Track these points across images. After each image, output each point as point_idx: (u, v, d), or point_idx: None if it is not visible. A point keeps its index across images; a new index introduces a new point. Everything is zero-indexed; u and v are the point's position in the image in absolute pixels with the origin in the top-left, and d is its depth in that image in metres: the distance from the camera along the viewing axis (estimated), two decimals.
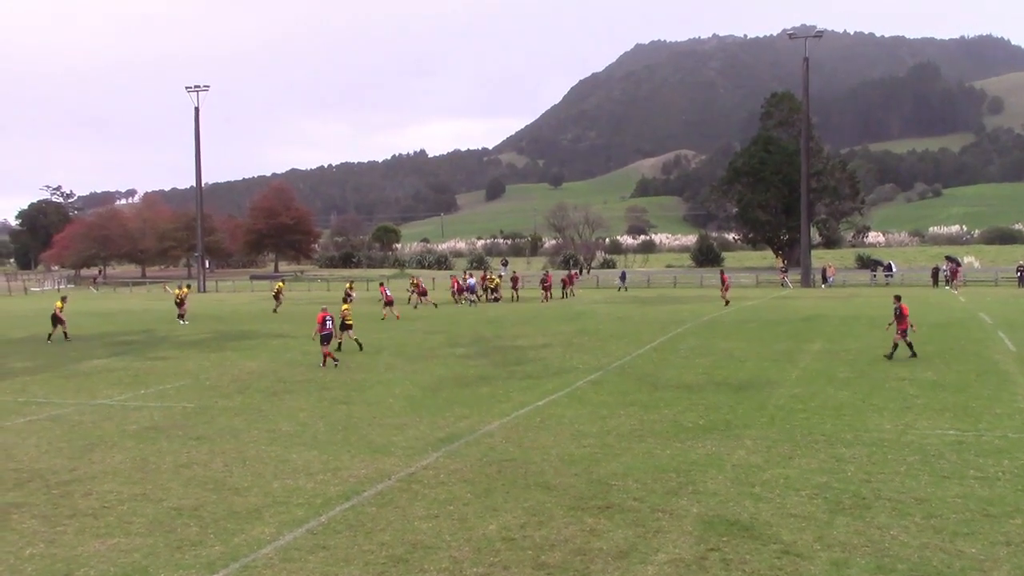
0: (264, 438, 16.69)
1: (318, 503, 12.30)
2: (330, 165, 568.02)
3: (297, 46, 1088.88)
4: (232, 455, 15.35)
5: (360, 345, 30.52)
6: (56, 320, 36.64)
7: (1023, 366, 24.01)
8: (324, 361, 26.77)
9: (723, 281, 53.12)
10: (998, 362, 24.92)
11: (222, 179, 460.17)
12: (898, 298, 26.81)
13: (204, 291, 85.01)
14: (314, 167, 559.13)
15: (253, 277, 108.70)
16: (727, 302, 49.81)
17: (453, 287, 57.79)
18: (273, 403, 20.69)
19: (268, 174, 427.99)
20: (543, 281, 61.02)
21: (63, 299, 39.12)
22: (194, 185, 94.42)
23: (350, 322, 31.10)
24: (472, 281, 56.87)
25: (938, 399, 19.25)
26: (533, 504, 12.01)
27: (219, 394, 22.20)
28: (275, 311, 50.67)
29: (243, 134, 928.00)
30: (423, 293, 53.35)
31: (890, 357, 25.34)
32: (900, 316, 25.85)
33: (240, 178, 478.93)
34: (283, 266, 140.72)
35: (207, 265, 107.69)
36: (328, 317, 27.26)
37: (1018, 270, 69.20)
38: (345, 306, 32.69)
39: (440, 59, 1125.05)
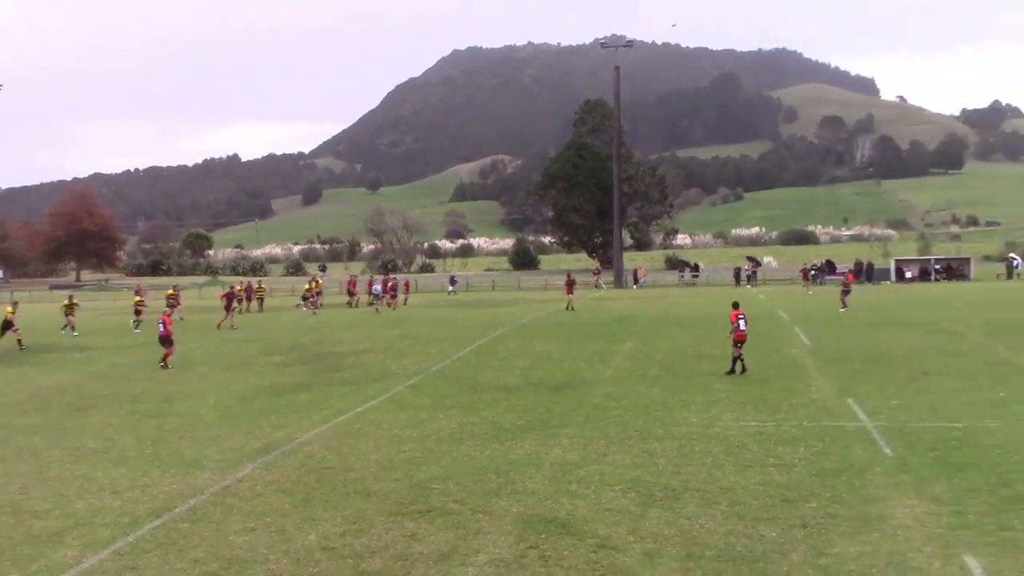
0: (67, 456, 15.78)
1: (126, 522, 11.74)
2: (137, 169, 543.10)
3: (99, 45, 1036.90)
4: (31, 476, 14.44)
5: (20, 344, 33.97)
6: (7, 325, 34.82)
7: (817, 359, 25.61)
8: (164, 360, 27.62)
9: (569, 283, 50.52)
10: (794, 356, 26.49)
11: (17, 183, 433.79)
12: (735, 305, 24.18)
13: None
14: (119, 171, 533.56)
15: (53, 287, 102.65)
16: (568, 305, 48.02)
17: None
18: (77, 419, 19.60)
19: (69, 179, 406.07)
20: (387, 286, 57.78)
21: (14, 304, 36.94)
22: None
23: (16, 326, 34.50)
24: (378, 287, 54.37)
25: (741, 393, 20.27)
26: (353, 512, 11.88)
27: (16, 412, 20.83)
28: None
29: (42, 136, 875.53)
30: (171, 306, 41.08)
31: (738, 372, 22.94)
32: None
33: (38, 183, 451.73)
34: (86, 275, 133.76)
35: (1, 275, 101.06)
36: (161, 320, 28.23)
37: (811, 269, 73.68)
38: (9, 308, 35.00)
39: (251, 62, 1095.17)
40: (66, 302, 42.07)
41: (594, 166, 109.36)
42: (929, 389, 20.05)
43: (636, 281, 78.42)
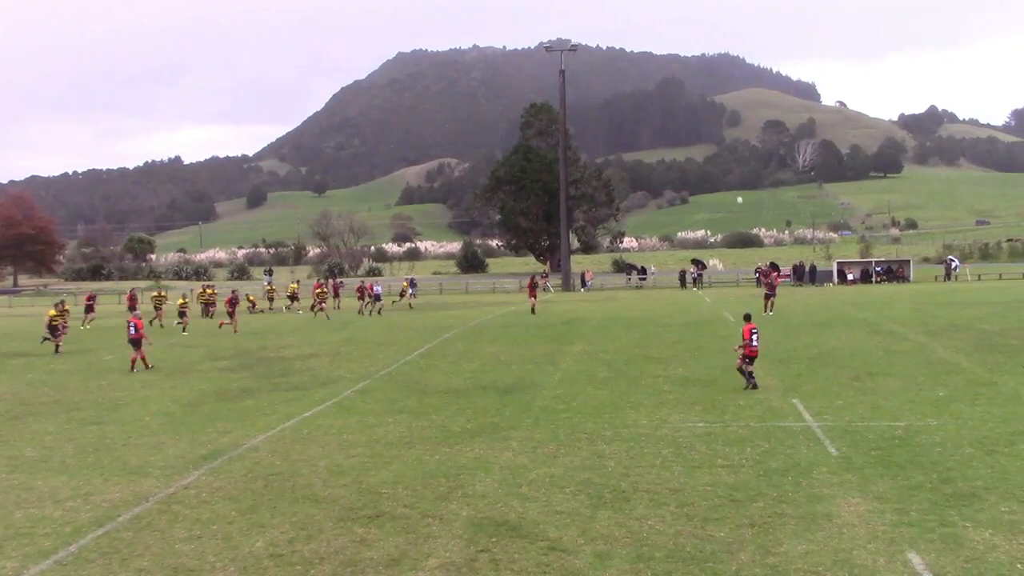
0: (4, 466, 15.40)
1: (67, 532, 11.49)
2: (76, 172, 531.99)
3: (32, 43, 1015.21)
4: None
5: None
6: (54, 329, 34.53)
7: (762, 360, 25.66)
8: (132, 366, 27.78)
9: (534, 286, 49.78)
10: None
11: None
12: (747, 317, 22.37)
13: None
14: (58, 174, 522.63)
15: None
16: (532, 308, 47.48)
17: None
18: (14, 427, 19.14)
19: (5, 181, 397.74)
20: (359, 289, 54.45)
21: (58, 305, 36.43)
22: None
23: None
24: (379, 288, 53.40)
25: (689, 394, 20.44)
26: (301, 518, 11.75)
27: None
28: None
29: None
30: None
31: (749, 387, 20.83)
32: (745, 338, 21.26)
33: None
34: (23, 280, 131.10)
35: None
36: (133, 323, 28.29)
37: (756, 271, 74.72)
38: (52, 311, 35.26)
39: (190, 62, 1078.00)
40: (53, 312, 37.75)
41: (540, 169, 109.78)
42: (872, 389, 20.39)
43: (584, 284, 78.83)
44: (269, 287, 62.44)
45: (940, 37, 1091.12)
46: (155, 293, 51.32)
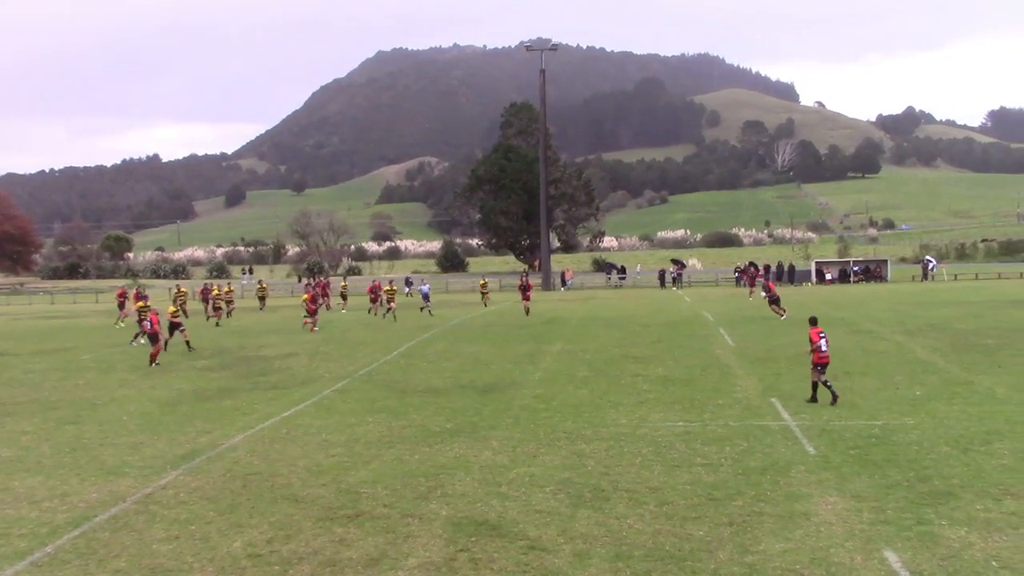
0: None
1: (43, 532, 11.40)
2: (52, 169, 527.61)
3: (8, 41, 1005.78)
4: None
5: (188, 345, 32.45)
6: (174, 326, 32.89)
7: (741, 359, 26.02)
8: (151, 361, 28.32)
9: (526, 287, 48.10)
10: (719, 356, 26.88)
11: None
12: (813, 321, 20.18)
13: None
14: (34, 172, 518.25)
15: None
16: (526, 309, 46.10)
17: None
18: None
19: None
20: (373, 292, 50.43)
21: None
22: None
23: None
24: (426, 288, 51.81)
25: (668, 393, 20.50)
26: (280, 518, 11.71)
27: None
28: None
29: None
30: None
31: (812, 399, 19.00)
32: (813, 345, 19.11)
33: None
34: None
35: None
36: (150, 319, 29.08)
37: (735, 271, 74.99)
38: (172, 308, 33.89)
39: (169, 59, 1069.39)
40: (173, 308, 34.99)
41: (521, 168, 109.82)
42: (849, 388, 20.51)
43: (564, 283, 78.89)
44: (260, 286, 61.15)
45: (918, 39, 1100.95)
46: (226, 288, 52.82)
